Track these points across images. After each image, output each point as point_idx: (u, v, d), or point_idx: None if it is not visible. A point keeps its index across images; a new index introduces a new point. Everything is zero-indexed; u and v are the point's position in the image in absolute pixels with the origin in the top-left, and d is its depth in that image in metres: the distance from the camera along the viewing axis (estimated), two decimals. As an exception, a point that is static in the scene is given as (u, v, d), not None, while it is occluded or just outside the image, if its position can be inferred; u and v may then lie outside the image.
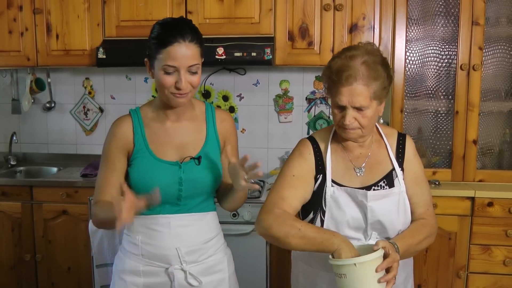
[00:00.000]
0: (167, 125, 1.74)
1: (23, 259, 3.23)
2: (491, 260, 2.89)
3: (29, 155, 3.80)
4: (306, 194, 1.70)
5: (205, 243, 1.76)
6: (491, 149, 3.08)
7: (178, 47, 1.59)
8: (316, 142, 1.76)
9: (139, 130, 1.72)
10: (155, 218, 1.72)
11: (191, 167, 1.71)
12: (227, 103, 3.54)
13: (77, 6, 3.21)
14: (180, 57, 1.59)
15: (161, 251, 1.71)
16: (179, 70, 1.60)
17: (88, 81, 3.67)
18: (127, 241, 1.77)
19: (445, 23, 2.98)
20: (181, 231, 1.72)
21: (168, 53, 1.59)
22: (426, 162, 3.10)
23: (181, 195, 1.70)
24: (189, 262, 1.73)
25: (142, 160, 1.69)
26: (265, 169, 3.51)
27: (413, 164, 1.76)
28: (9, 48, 3.33)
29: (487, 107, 3.03)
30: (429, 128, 3.09)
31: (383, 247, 1.50)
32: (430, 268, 2.96)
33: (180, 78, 1.60)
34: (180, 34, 1.59)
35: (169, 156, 1.71)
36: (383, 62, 1.64)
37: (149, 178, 1.68)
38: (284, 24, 3.06)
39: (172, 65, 1.59)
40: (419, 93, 3.06)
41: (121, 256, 1.79)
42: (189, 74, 1.62)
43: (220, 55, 2.99)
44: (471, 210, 2.88)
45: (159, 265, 1.72)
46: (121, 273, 1.76)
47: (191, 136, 1.74)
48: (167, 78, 1.61)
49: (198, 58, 1.64)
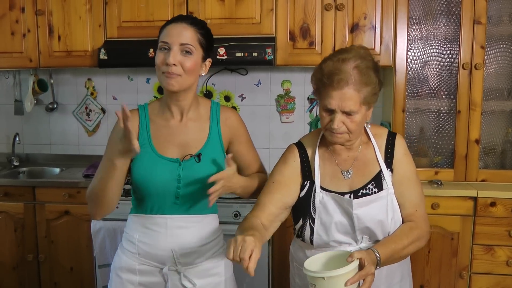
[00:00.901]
0: (171, 123, 1.74)
1: (25, 259, 3.24)
2: (494, 260, 2.87)
3: (31, 156, 3.81)
4: (284, 198, 1.70)
5: (202, 246, 1.75)
6: (494, 148, 3.07)
7: (174, 26, 1.64)
8: (304, 148, 1.76)
9: (145, 126, 1.73)
10: (153, 217, 1.72)
11: (191, 164, 1.70)
12: (229, 103, 3.54)
13: (78, 7, 3.22)
14: (173, 34, 1.62)
15: (156, 251, 1.71)
16: (171, 47, 1.61)
17: (90, 82, 3.68)
18: (125, 239, 1.79)
19: (447, 22, 2.97)
20: (178, 232, 1.72)
21: (164, 32, 1.64)
22: (428, 162, 3.08)
23: (179, 192, 1.70)
24: (184, 264, 1.73)
25: (144, 155, 1.69)
26: (267, 169, 3.48)
27: (402, 164, 1.72)
28: (11, 50, 3.35)
29: (490, 106, 3.02)
30: (431, 128, 3.08)
31: (359, 258, 1.45)
32: (432, 269, 2.94)
33: (169, 53, 1.61)
34: (181, 18, 1.65)
35: (171, 153, 1.71)
36: (375, 67, 1.63)
37: (149, 174, 1.68)
38: (285, 24, 3.06)
39: (164, 41, 1.62)
40: (421, 93, 3.05)
41: (119, 253, 1.81)
42: (181, 54, 1.62)
43: (221, 55, 2.99)
44: (473, 210, 2.87)
45: (154, 264, 1.73)
46: (118, 270, 1.78)
47: (194, 134, 1.74)
48: (160, 54, 1.63)
49: (194, 41, 1.64)
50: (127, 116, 1.43)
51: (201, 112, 1.78)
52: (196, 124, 1.76)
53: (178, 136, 1.73)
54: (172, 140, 1.72)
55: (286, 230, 2.98)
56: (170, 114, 1.74)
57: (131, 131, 1.46)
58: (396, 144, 1.73)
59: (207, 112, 1.78)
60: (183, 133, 1.74)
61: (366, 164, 1.71)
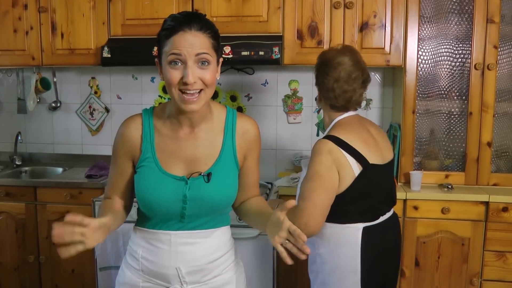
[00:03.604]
0: (179, 135, 1.56)
1: (26, 261, 3.19)
2: (506, 267, 2.80)
3: (34, 155, 3.77)
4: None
5: (210, 263, 1.59)
6: (506, 151, 2.99)
7: (182, 35, 1.41)
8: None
9: (148, 136, 1.56)
10: (156, 233, 1.58)
11: (199, 184, 1.53)
12: (235, 103, 3.48)
13: (82, 5, 3.17)
14: (185, 45, 1.41)
15: (160, 269, 1.57)
16: (186, 61, 1.41)
17: (94, 81, 3.63)
18: (129, 253, 1.66)
19: (459, 21, 2.89)
20: (183, 249, 1.56)
21: (172, 42, 1.42)
22: (439, 165, 3.01)
23: (185, 213, 1.54)
24: (190, 282, 1.58)
25: (147, 170, 1.54)
26: (274, 171, 3.45)
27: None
28: (14, 47, 3.30)
29: (502, 108, 2.94)
30: (442, 130, 3.00)
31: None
32: (442, 275, 2.87)
33: (187, 71, 1.40)
34: (187, 23, 1.42)
35: (176, 169, 1.54)
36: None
37: (151, 192, 1.53)
38: (293, 23, 2.99)
39: (176, 53, 1.41)
40: (432, 94, 2.97)
41: (123, 268, 1.68)
42: (198, 67, 1.43)
43: (227, 54, 2.92)
44: (485, 215, 2.79)
45: (159, 283, 1.60)
46: (121, 286, 1.66)
47: (204, 149, 1.56)
48: (173, 72, 1.42)
49: (209, 49, 1.45)
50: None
51: (215, 123, 1.58)
52: (207, 137, 1.57)
53: (186, 150, 1.55)
54: (179, 155, 1.55)
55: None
56: (178, 123, 1.55)
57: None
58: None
59: (221, 122, 1.59)
60: (192, 147, 1.55)
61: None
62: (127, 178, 1.61)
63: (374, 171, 1.95)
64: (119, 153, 1.60)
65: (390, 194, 2.09)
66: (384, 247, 2.03)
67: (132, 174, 1.60)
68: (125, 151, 1.59)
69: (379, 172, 1.99)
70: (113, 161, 1.63)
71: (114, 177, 1.63)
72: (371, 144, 2.00)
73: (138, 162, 1.57)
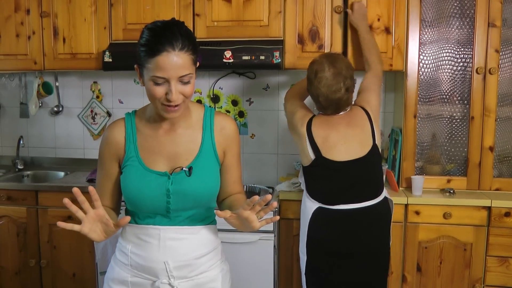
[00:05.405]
0: (159, 133, 1.65)
1: (28, 265, 3.20)
2: (508, 272, 2.77)
3: (36, 159, 3.78)
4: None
5: (197, 259, 1.66)
6: (509, 156, 2.97)
7: (166, 56, 1.46)
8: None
9: (131, 137, 1.65)
10: (146, 228, 1.65)
11: (181, 178, 1.61)
12: (236, 107, 3.48)
13: (84, 9, 3.18)
14: (169, 68, 1.47)
15: (148, 263, 1.64)
16: (169, 81, 1.49)
17: (96, 85, 3.64)
18: (118, 249, 1.72)
19: (460, 25, 2.88)
20: (171, 244, 1.63)
21: (156, 63, 1.47)
22: (441, 170, 3.00)
23: (170, 207, 1.62)
24: (177, 277, 1.64)
25: (131, 169, 1.62)
26: (275, 175, 3.44)
27: None
28: (16, 52, 3.32)
29: (504, 112, 2.92)
30: (444, 134, 2.99)
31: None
32: (444, 281, 2.84)
33: (171, 90, 1.49)
34: (169, 42, 1.46)
35: (159, 166, 1.63)
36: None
37: (136, 189, 1.61)
38: (294, 27, 2.99)
39: (161, 76, 1.48)
40: (433, 98, 2.96)
41: (112, 264, 1.74)
42: (180, 84, 1.51)
43: (227, 58, 2.92)
44: (487, 220, 2.77)
45: (147, 277, 1.65)
46: (110, 281, 1.71)
47: (184, 145, 1.64)
48: (157, 89, 1.50)
49: (190, 66, 1.52)
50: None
51: (193, 120, 1.67)
52: (187, 133, 1.66)
53: (167, 146, 1.64)
54: (161, 152, 1.64)
55: (291, 234, 2.91)
56: (158, 123, 1.64)
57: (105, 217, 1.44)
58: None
59: (199, 119, 1.68)
60: (173, 143, 1.64)
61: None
62: (114, 180, 1.69)
63: (329, 164, 2.40)
64: (105, 157, 1.69)
65: (359, 187, 2.40)
66: (338, 234, 2.39)
67: (119, 176, 1.68)
68: (111, 154, 1.67)
69: (338, 166, 2.39)
70: (99, 166, 1.70)
71: (102, 180, 1.70)
72: (334, 142, 2.42)
73: (123, 162, 1.66)
